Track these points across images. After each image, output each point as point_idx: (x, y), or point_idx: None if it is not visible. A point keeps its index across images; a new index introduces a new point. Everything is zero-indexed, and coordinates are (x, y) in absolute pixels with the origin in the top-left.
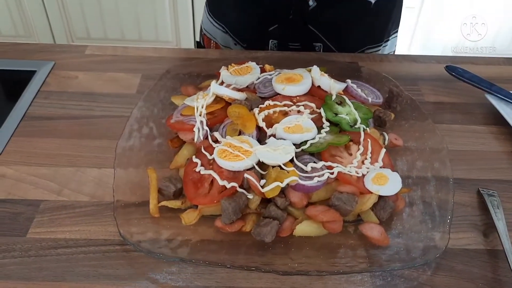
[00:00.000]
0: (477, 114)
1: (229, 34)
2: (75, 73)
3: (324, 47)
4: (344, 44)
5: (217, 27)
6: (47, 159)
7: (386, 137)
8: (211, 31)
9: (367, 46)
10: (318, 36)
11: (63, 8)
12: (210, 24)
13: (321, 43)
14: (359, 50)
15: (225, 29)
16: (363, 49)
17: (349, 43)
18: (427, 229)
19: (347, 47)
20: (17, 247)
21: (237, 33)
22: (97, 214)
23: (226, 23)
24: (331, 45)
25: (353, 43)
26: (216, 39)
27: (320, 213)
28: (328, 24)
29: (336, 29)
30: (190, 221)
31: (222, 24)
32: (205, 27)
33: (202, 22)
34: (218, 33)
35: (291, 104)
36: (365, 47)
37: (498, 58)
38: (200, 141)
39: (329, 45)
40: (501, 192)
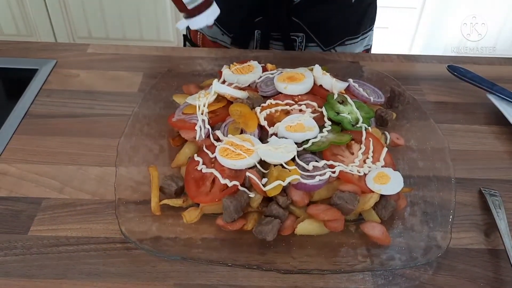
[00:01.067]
0: (479, 114)
1: (215, 24)
2: (77, 72)
3: (306, 38)
4: (325, 36)
5: None
6: (49, 157)
7: (388, 137)
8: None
9: (346, 38)
10: (301, 27)
11: (65, 8)
12: None
13: (304, 34)
14: (339, 41)
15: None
16: (343, 40)
17: (330, 35)
18: (429, 229)
19: (328, 39)
20: (18, 244)
21: (224, 24)
22: (98, 212)
23: None
24: (313, 36)
25: (333, 35)
26: (203, 30)
27: (321, 212)
28: (311, 17)
29: (318, 21)
30: (191, 219)
31: None
32: None
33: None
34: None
35: (293, 103)
36: (344, 39)
37: (500, 58)
38: (201, 140)
39: (311, 36)
40: (503, 191)
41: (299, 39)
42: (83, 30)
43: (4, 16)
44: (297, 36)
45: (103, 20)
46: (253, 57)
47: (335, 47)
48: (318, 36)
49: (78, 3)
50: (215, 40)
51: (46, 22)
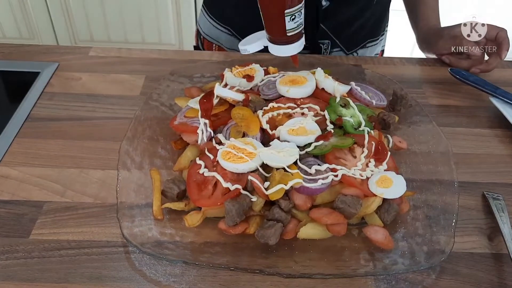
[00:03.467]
0: (482, 117)
1: (235, 36)
2: (79, 75)
3: (332, 44)
4: (349, 40)
5: (222, 30)
6: (51, 160)
7: (390, 140)
8: (213, 35)
9: (368, 40)
10: (327, 34)
11: (67, 11)
12: (212, 28)
13: (329, 40)
14: (361, 44)
15: (231, 31)
16: (365, 43)
17: (354, 39)
18: (432, 233)
19: (352, 43)
20: (20, 248)
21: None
22: (100, 215)
23: (232, 26)
24: (338, 42)
25: (357, 38)
26: (220, 42)
27: (324, 215)
28: (337, 22)
29: (343, 26)
30: (193, 223)
31: (228, 27)
32: (205, 31)
33: (200, 26)
34: (222, 36)
35: (295, 106)
36: (366, 41)
37: (503, 62)
38: (203, 143)
39: (336, 42)
40: (506, 195)
41: (324, 46)
42: (85, 33)
43: (6, 19)
44: (323, 43)
45: (105, 23)
46: (255, 60)
47: (357, 50)
48: (342, 41)
49: (80, 6)
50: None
51: (48, 25)
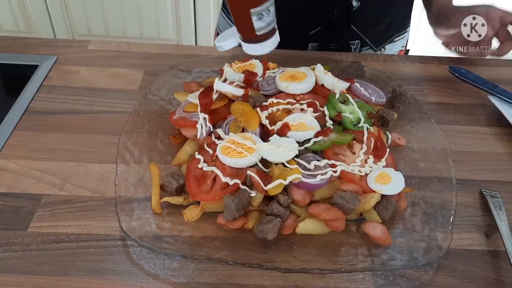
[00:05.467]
0: (480, 115)
1: None
2: (77, 68)
3: (361, 43)
4: (378, 38)
5: None
6: (49, 153)
7: (389, 137)
8: None
9: (395, 35)
10: (357, 34)
11: (65, 5)
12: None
13: (359, 40)
14: (389, 40)
15: None
16: (392, 37)
17: (382, 35)
18: (430, 229)
19: (380, 39)
20: (18, 241)
21: None
22: (98, 209)
23: None
24: (368, 40)
25: (384, 34)
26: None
27: (322, 211)
28: (367, 21)
29: (372, 24)
30: (192, 217)
31: None
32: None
33: (219, 28)
34: None
35: (294, 102)
36: (394, 36)
37: (501, 60)
38: (203, 138)
39: (366, 40)
40: (504, 193)
41: (354, 46)
42: (83, 28)
43: (3, 12)
44: (353, 43)
45: (103, 18)
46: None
47: (385, 45)
48: (371, 39)
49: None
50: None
51: (46, 19)
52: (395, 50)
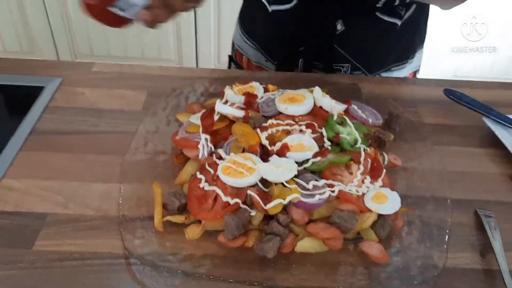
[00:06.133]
0: (475, 137)
1: (260, 52)
2: (82, 90)
3: (352, 67)
4: (371, 63)
5: (249, 44)
6: (54, 172)
7: (385, 157)
8: (243, 47)
9: (392, 65)
10: (345, 58)
11: (68, 25)
12: (242, 41)
13: (349, 64)
14: (385, 68)
15: (256, 46)
16: (390, 67)
17: (376, 61)
18: (425, 248)
19: (374, 66)
20: (23, 259)
21: (268, 51)
22: (102, 227)
23: (257, 41)
24: (359, 65)
25: (380, 61)
26: (248, 54)
27: (321, 230)
28: (355, 46)
29: (363, 50)
30: (193, 236)
31: (254, 42)
32: (237, 43)
33: (234, 38)
34: (250, 49)
35: (293, 123)
36: (391, 65)
37: (496, 83)
38: (204, 158)
39: (356, 65)
40: (498, 213)
41: (344, 69)
42: (85, 48)
43: (7, 33)
44: (342, 66)
45: (105, 38)
46: (255, 78)
47: (380, 73)
48: (363, 64)
49: (81, 21)
50: (259, 65)
51: (49, 39)
52: None
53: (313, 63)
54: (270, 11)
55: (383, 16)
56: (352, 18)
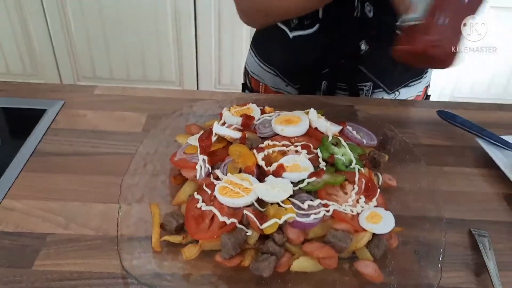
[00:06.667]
0: (469, 157)
1: (280, 77)
2: (84, 112)
3: (373, 86)
4: (392, 81)
5: (267, 70)
6: (55, 193)
7: (380, 178)
8: (259, 74)
9: (410, 80)
10: (368, 77)
11: (71, 48)
12: (258, 67)
13: (371, 82)
14: (404, 84)
15: (276, 72)
16: (408, 82)
17: (396, 79)
18: (420, 267)
19: (394, 83)
20: (23, 278)
21: (289, 76)
22: (101, 247)
23: (277, 67)
24: (380, 83)
25: (399, 78)
26: (265, 81)
27: (316, 249)
28: (378, 64)
29: (385, 68)
30: (191, 255)
31: (273, 68)
32: (252, 70)
33: (248, 65)
34: (267, 75)
35: (289, 144)
36: (409, 81)
37: (490, 104)
38: (202, 179)
39: (378, 83)
40: (492, 232)
41: (366, 88)
42: (88, 70)
43: (11, 55)
44: (365, 85)
45: (108, 61)
46: (252, 101)
47: (399, 89)
48: (385, 82)
49: (84, 43)
50: (278, 90)
51: (52, 62)
52: (411, 95)
53: (336, 85)
54: (291, 37)
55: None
56: (374, 37)
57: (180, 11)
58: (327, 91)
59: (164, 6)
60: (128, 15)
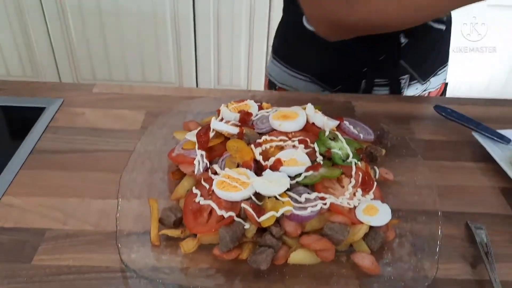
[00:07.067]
0: (466, 151)
1: (315, 83)
2: (82, 110)
3: (410, 77)
4: (425, 71)
5: (300, 77)
6: (54, 190)
7: (377, 172)
8: (290, 83)
9: (439, 68)
10: (406, 69)
11: (70, 50)
12: (288, 77)
13: (408, 75)
14: (434, 73)
15: (310, 78)
16: (437, 71)
17: (429, 69)
18: (417, 259)
19: (426, 73)
20: (22, 273)
21: (325, 80)
22: (100, 242)
23: (312, 73)
24: (416, 75)
25: (431, 68)
26: (298, 88)
27: (313, 242)
28: (416, 56)
29: (421, 59)
30: (189, 249)
31: (307, 75)
32: (280, 80)
33: (272, 76)
34: (301, 83)
35: (286, 139)
36: (438, 69)
37: (486, 99)
38: (200, 174)
39: (414, 75)
40: (489, 225)
41: (403, 81)
42: (88, 72)
43: (11, 58)
44: (402, 78)
45: (107, 63)
46: (250, 97)
47: (430, 78)
48: (420, 73)
49: (83, 45)
50: None
51: (51, 64)
52: (439, 83)
53: (374, 82)
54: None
55: (433, 23)
56: (410, 28)
57: (179, 12)
58: (365, 90)
59: (163, 7)
60: (127, 17)
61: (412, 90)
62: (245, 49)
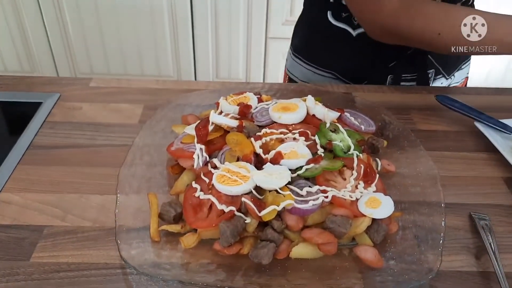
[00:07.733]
0: (468, 142)
1: (340, 79)
2: (79, 104)
3: (435, 72)
4: (450, 66)
5: (324, 75)
6: (52, 186)
7: (379, 163)
8: (315, 80)
9: (463, 62)
10: (432, 64)
11: (68, 45)
12: (312, 74)
13: (434, 69)
14: (458, 67)
15: (336, 75)
16: (460, 65)
17: (453, 63)
18: (420, 252)
19: (451, 67)
20: (20, 271)
21: (351, 77)
22: (99, 238)
23: (338, 71)
24: (441, 68)
25: (455, 62)
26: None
27: (315, 235)
28: None
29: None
30: (189, 244)
31: (331, 71)
32: (303, 79)
33: (293, 74)
34: (325, 81)
35: (287, 131)
36: (461, 63)
37: (488, 89)
38: (199, 168)
39: (439, 69)
40: (492, 216)
41: (429, 75)
42: (85, 67)
43: (8, 52)
44: (428, 72)
45: (105, 57)
46: (249, 89)
47: (454, 73)
48: (445, 67)
49: (80, 40)
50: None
51: (49, 59)
52: (462, 77)
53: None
54: (354, 35)
55: None
56: None
57: (177, 5)
58: (392, 83)
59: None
60: (125, 11)
61: (437, 84)
62: (243, 41)
